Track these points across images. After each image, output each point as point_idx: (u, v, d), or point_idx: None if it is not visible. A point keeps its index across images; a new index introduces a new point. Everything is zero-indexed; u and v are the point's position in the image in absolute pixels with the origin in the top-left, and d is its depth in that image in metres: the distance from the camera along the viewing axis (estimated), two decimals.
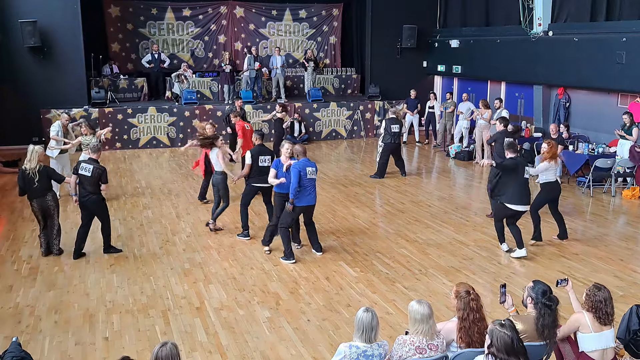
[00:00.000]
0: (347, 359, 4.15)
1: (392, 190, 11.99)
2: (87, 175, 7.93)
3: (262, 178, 8.53)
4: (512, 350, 3.81)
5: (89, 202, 8.06)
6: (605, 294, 4.69)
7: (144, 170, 13.72)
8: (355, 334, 4.23)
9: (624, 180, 11.74)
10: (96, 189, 8.05)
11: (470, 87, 17.67)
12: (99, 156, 8.21)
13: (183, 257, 8.22)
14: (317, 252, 8.24)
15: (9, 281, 7.38)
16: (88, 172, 7.93)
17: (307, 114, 17.47)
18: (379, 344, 4.23)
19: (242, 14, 19.43)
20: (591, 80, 13.00)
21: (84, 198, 8.05)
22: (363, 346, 4.17)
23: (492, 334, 3.90)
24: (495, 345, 3.85)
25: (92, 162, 8.02)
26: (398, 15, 18.38)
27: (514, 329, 3.91)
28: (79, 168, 8.00)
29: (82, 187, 8.03)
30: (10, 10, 15.24)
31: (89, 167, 7.95)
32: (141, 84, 17.76)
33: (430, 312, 4.35)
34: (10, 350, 4.42)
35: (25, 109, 15.37)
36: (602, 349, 4.68)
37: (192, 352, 5.73)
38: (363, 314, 4.21)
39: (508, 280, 7.23)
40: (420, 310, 4.32)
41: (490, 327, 3.95)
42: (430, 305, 4.41)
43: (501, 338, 3.84)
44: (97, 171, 7.94)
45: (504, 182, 8.40)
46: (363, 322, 4.18)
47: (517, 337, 3.89)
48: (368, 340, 4.18)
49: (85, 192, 8.02)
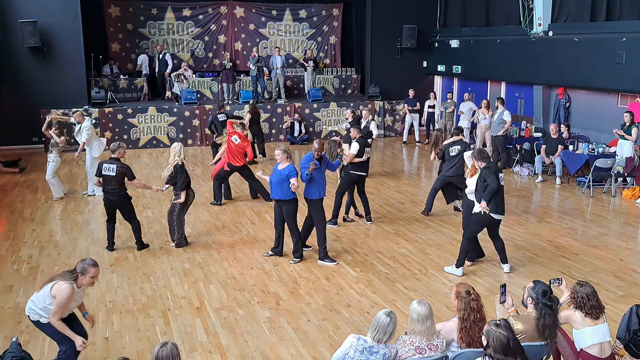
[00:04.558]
0: (353, 349, 4.22)
1: (392, 190, 11.99)
2: (112, 175, 8.10)
3: (362, 167, 9.35)
4: (508, 349, 3.82)
5: (117, 201, 8.26)
6: (588, 289, 4.74)
7: (144, 170, 13.72)
8: (369, 330, 4.29)
9: (624, 180, 11.74)
10: (122, 187, 8.24)
11: (470, 87, 17.68)
12: (120, 155, 8.29)
13: (183, 257, 8.22)
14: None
15: (9, 281, 7.39)
16: (112, 171, 8.10)
17: (307, 114, 17.47)
18: (386, 345, 4.26)
19: (242, 14, 19.43)
20: (591, 80, 13.00)
21: (111, 197, 8.24)
22: (371, 342, 4.23)
23: (488, 334, 3.92)
24: (492, 346, 3.87)
25: (114, 162, 8.16)
26: (398, 15, 18.37)
27: (509, 329, 3.92)
28: (102, 169, 8.15)
29: (108, 186, 8.20)
30: (10, 10, 15.24)
31: (113, 167, 8.10)
32: (141, 84, 17.76)
33: (429, 312, 4.35)
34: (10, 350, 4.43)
35: (25, 109, 15.36)
36: (599, 343, 4.70)
37: (192, 352, 5.74)
38: (383, 316, 4.25)
39: (508, 281, 7.22)
40: (417, 311, 4.35)
41: (486, 328, 3.97)
42: (430, 306, 4.41)
43: (497, 338, 3.86)
44: (122, 169, 8.11)
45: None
46: (379, 323, 4.24)
47: (513, 336, 3.90)
48: (377, 341, 4.23)
49: (111, 190, 8.20)
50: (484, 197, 7.26)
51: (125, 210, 8.44)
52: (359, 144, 9.36)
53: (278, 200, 7.82)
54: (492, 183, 7.19)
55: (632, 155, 11.29)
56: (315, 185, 7.85)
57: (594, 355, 4.70)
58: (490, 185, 7.20)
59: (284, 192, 7.70)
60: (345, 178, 9.68)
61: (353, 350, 4.21)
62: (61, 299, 4.81)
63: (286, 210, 7.82)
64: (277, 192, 7.74)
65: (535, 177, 12.74)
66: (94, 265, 4.99)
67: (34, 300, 4.97)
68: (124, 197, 8.31)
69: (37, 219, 10.03)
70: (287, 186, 7.63)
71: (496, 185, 7.19)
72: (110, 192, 8.23)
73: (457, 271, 7.61)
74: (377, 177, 12.91)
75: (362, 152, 9.35)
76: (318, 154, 7.89)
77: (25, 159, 14.35)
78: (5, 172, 13.20)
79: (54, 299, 4.84)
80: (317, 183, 7.86)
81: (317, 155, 7.89)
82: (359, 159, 9.35)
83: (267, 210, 10.26)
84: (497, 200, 7.36)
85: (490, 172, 7.28)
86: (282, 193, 7.71)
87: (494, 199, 7.30)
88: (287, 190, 7.67)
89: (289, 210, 7.83)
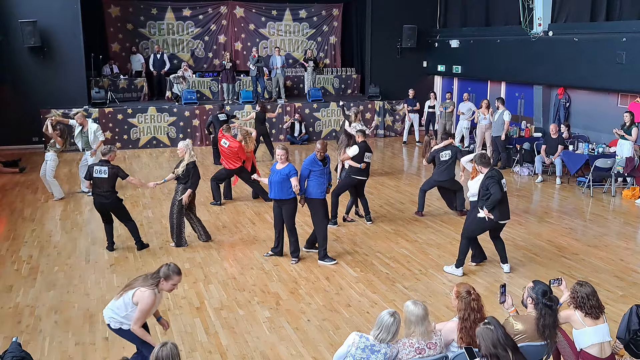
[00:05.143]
0: (355, 347, 4.23)
1: (392, 190, 11.99)
2: (104, 177, 8.07)
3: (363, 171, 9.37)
4: (498, 343, 3.91)
5: (109, 203, 8.24)
6: (587, 289, 4.74)
7: (144, 170, 13.72)
8: (372, 329, 4.30)
9: (624, 180, 11.74)
10: (114, 190, 8.22)
11: (470, 87, 17.67)
12: (112, 158, 8.25)
13: (183, 257, 8.22)
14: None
15: (9, 281, 7.39)
16: (104, 174, 8.07)
17: (307, 114, 17.46)
18: (388, 344, 4.27)
19: (242, 14, 19.43)
20: (591, 80, 13.00)
21: (103, 200, 8.20)
22: (373, 340, 4.24)
23: (478, 334, 4.03)
24: (482, 344, 3.96)
25: (105, 164, 8.13)
26: (398, 15, 18.37)
27: (498, 324, 4.01)
28: (92, 172, 8.11)
29: (99, 189, 8.16)
30: (10, 10, 15.24)
31: (104, 169, 8.08)
32: (141, 84, 17.76)
33: (425, 313, 4.35)
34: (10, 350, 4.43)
35: (25, 109, 15.37)
36: (599, 343, 4.70)
37: (192, 352, 5.73)
38: (386, 316, 4.25)
39: (508, 280, 7.23)
40: (413, 312, 4.34)
41: (477, 330, 4.07)
42: (426, 307, 4.41)
43: (485, 333, 3.95)
44: (113, 170, 8.10)
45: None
46: (382, 323, 4.24)
47: (503, 331, 3.99)
48: (380, 340, 4.24)
49: (103, 193, 8.16)
50: (486, 205, 7.20)
51: (118, 213, 8.40)
52: (359, 148, 9.36)
53: (278, 200, 7.81)
54: (495, 193, 7.10)
55: (632, 155, 11.29)
56: (315, 185, 7.85)
57: (594, 355, 4.70)
58: (493, 196, 7.12)
59: (284, 192, 7.69)
60: (344, 180, 9.68)
61: (355, 347, 4.23)
62: (144, 306, 4.74)
63: (286, 210, 7.81)
64: (277, 192, 7.73)
65: (535, 177, 12.74)
66: (178, 273, 4.87)
67: (114, 308, 4.89)
68: (115, 200, 8.27)
69: (37, 219, 10.03)
70: (289, 186, 7.63)
71: (500, 195, 7.12)
72: (102, 194, 8.16)
73: (457, 271, 7.61)
74: (377, 177, 12.90)
75: (361, 157, 9.33)
76: (321, 155, 7.90)
77: (25, 159, 14.35)
78: (5, 172, 13.20)
79: (135, 305, 4.77)
80: (318, 183, 7.86)
81: (320, 156, 7.89)
82: (356, 165, 9.32)
83: (267, 210, 10.26)
84: (501, 208, 7.30)
85: (494, 181, 7.17)
86: (282, 193, 7.70)
87: (497, 206, 7.24)
88: (288, 190, 7.67)
89: (289, 209, 7.82)
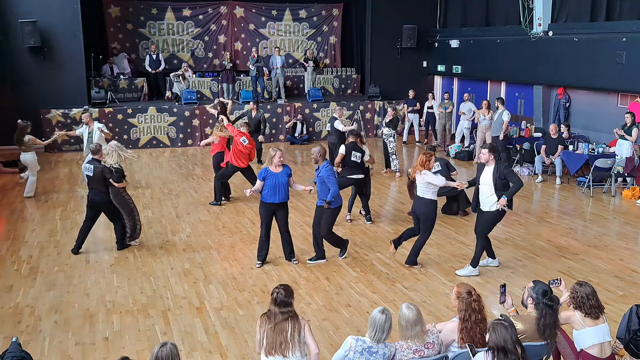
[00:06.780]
0: (352, 351, 4.22)
1: (392, 190, 11.99)
2: (90, 175, 8.12)
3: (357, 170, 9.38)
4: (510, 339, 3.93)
5: (98, 201, 8.22)
6: (587, 289, 4.75)
7: (143, 170, 13.73)
8: (367, 331, 4.29)
9: (624, 180, 11.74)
10: (104, 188, 8.19)
11: (470, 87, 17.68)
12: (100, 156, 8.26)
13: (183, 257, 8.22)
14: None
15: (9, 281, 7.39)
16: (90, 172, 8.12)
17: (307, 114, 17.47)
18: (385, 344, 4.26)
19: (242, 14, 19.43)
20: (591, 80, 13.00)
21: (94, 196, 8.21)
22: (370, 342, 4.23)
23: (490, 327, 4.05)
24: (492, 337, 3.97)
25: (92, 162, 8.17)
26: (398, 15, 18.38)
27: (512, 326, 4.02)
28: (83, 170, 8.21)
29: (89, 186, 8.22)
30: (10, 10, 15.24)
31: (90, 167, 8.13)
32: (141, 84, 17.76)
33: (418, 317, 4.33)
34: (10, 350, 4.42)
35: (25, 109, 15.32)
36: (599, 343, 4.70)
37: (192, 352, 5.73)
38: (378, 315, 4.25)
39: (508, 280, 7.23)
40: (407, 317, 4.31)
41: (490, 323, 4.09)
42: (418, 309, 4.40)
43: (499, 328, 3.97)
44: (99, 169, 8.08)
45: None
46: (375, 322, 4.23)
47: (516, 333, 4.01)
48: (377, 340, 4.23)
49: (93, 190, 8.19)
50: (506, 195, 7.21)
51: (107, 212, 8.39)
52: (346, 147, 9.43)
53: (277, 204, 7.67)
54: (517, 182, 7.23)
55: (632, 155, 11.29)
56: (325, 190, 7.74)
57: (594, 356, 4.70)
58: (516, 184, 7.22)
59: (287, 195, 7.74)
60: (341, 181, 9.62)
61: (353, 352, 4.21)
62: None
63: (284, 213, 7.81)
64: (283, 195, 7.65)
65: (535, 177, 12.74)
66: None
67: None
68: (105, 199, 8.22)
69: (37, 219, 10.03)
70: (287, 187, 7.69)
71: (521, 182, 7.26)
72: (93, 192, 8.22)
73: (473, 271, 7.56)
74: (377, 177, 12.89)
75: (348, 157, 9.32)
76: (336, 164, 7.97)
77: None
78: (5, 172, 13.22)
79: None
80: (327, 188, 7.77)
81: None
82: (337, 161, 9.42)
83: None
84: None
85: (510, 170, 7.37)
86: (286, 195, 7.72)
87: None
88: (288, 192, 7.75)
89: (286, 212, 7.85)
